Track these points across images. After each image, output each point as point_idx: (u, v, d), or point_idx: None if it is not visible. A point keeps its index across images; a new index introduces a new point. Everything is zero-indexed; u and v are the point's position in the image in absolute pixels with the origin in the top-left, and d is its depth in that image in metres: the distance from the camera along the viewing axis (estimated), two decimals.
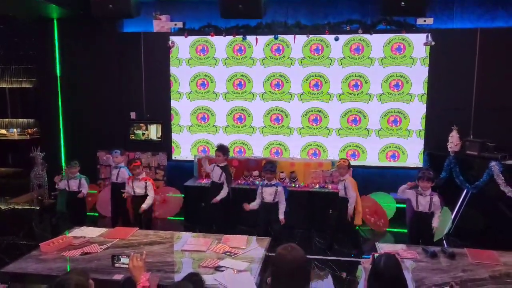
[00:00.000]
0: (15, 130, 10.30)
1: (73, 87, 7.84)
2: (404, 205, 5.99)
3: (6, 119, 10.53)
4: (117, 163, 6.21)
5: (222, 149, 6.06)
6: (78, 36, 7.71)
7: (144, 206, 5.52)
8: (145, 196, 5.61)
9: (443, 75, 6.87)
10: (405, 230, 5.76)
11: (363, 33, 6.97)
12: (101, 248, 3.88)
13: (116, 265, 3.09)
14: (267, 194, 5.39)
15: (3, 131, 10.34)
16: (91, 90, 7.74)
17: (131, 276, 2.69)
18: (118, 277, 3.26)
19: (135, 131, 7.79)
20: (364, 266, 2.84)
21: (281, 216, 5.38)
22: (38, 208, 7.49)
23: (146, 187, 5.63)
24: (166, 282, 3.20)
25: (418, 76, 7.00)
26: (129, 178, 5.74)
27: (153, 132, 7.76)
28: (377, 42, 7.04)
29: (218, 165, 6.04)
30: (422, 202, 4.84)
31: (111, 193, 6.34)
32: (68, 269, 3.37)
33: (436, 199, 4.83)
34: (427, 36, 6.67)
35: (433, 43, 6.62)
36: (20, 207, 7.60)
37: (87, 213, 6.83)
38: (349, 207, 5.51)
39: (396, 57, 7.03)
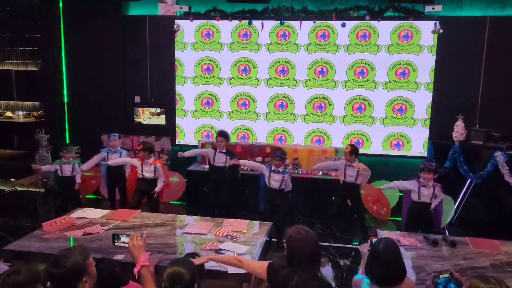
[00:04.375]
0: (20, 112, 10.37)
1: (78, 70, 7.84)
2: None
3: (12, 102, 10.58)
4: (115, 147, 6.15)
5: (225, 135, 6.06)
6: (84, 18, 7.68)
7: (157, 189, 5.66)
8: (154, 180, 5.66)
9: (450, 64, 6.79)
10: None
11: (370, 19, 6.89)
12: (103, 229, 3.92)
13: (116, 243, 3.10)
14: (274, 180, 5.40)
15: (9, 114, 10.41)
16: (96, 73, 7.73)
17: (107, 258, 2.71)
18: (119, 257, 3.29)
19: (134, 119, 7.79)
20: (363, 250, 2.84)
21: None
22: (42, 190, 7.54)
23: (155, 171, 5.67)
24: (167, 263, 3.21)
25: (425, 64, 6.92)
26: (138, 159, 5.74)
27: (155, 118, 7.76)
28: (384, 29, 6.96)
29: (221, 152, 6.04)
30: (425, 193, 4.82)
31: (107, 177, 6.30)
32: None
33: (438, 189, 4.85)
34: (435, 23, 6.58)
35: (441, 31, 6.54)
36: (24, 189, 7.66)
37: (88, 196, 6.92)
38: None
39: (403, 45, 6.95)
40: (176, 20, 7.39)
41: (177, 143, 7.80)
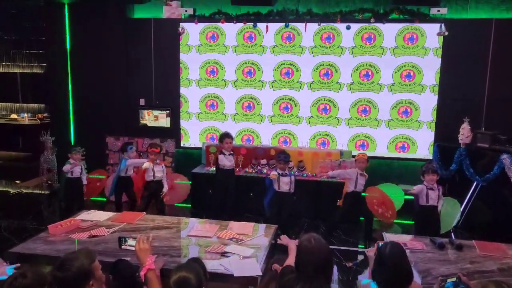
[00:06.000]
0: (25, 114, 10.38)
1: (83, 73, 7.86)
2: (412, 197, 5.93)
3: (17, 104, 10.60)
4: (132, 158, 6.06)
5: (231, 136, 6.16)
6: (89, 21, 7.70)
7: (165, 189, 5.83)
8: (161, 180, 5.78)
9: (456, 66, 6.77)
10: (413, 222, 5.72)
11: (375, 22, 6.88)
12: (108, 232, 3.91)
13: (123, 247, 3.10)
14: (284, 183, 5.40)
15: (14, 116, 10.43)
16: (100, 75, 7.75)
17: (123, 259, 2.70)
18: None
19: (140, 121, 7.80)
20: (369, 254, 2.83)
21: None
22: (47, 192, 7.56)
23: (163, 170, 5.83)
24: (172, 266, 3.20)
25: (430, 67, 6.90)
26: (150, 161, 5.77)
27: (162, 120, 7.77)
28: (389, 31, 6.94)
29: (231, 154, 6.11)
30: (432, 196, 4.84)
31: (116, 185, 6.21)
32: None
33: (441, 191, 4.90)
34: (441, 26, 6.56)
35: (446, 33, 6.52)
36: (29, 191, 7.68)
37: (92, 198, 6.93)
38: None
39: (408, 47, 6.93)
40: (180, 23, 7.39)
41: (181, 145, 7.80)
